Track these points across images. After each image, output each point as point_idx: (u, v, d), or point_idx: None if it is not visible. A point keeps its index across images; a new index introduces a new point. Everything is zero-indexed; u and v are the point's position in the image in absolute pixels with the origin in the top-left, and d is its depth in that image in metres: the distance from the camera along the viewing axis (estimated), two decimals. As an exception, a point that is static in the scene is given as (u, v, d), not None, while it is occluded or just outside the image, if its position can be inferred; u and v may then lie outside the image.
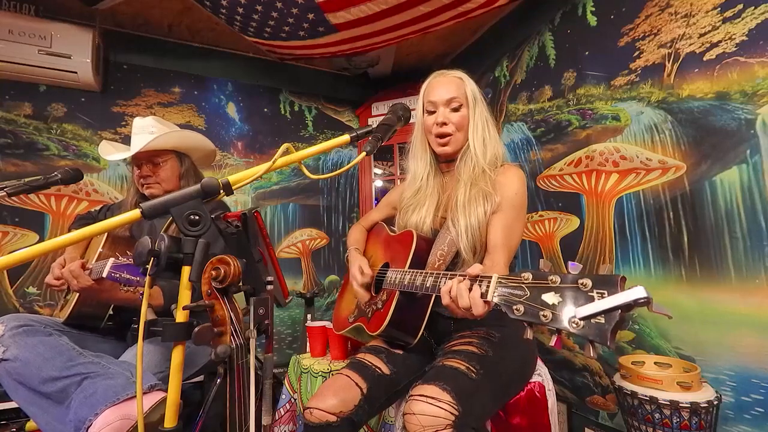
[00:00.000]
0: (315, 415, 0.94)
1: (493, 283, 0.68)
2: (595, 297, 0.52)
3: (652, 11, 1.57)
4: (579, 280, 0.54)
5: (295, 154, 0.73)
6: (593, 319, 0.51)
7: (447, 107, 1.15)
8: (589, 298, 0.52)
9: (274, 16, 2.01)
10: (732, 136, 1.31)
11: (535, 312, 0.58)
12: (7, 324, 1.03)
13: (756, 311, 1.23)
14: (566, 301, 0.55)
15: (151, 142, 1.31)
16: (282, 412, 1.63)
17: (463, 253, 1.05)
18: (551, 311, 0.56)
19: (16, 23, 2.01)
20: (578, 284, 0.54)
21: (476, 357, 0.96)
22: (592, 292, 0.53)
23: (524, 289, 0.61)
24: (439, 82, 1.18)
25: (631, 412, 1.26)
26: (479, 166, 1.12)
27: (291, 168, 2.77)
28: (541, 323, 0.57)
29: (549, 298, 0.57)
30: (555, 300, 0.56)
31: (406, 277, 0.97)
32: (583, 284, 0.54)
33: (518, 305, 0.61)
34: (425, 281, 0.90)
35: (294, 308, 2.69)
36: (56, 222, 2.14)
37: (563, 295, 0.56)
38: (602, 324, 0.50)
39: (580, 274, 0.55)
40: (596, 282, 0.53)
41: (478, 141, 1.13)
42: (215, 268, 0.65)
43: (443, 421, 0.81)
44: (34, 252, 0.54)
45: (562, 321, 0.54)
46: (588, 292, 0.53)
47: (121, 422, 0.88)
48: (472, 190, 1.09)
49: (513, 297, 0.62)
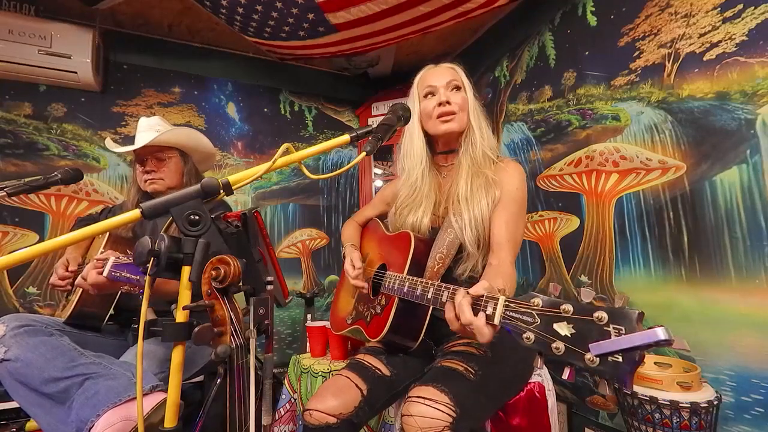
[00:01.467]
0: (315, 417, 0.94)
1: (500, 306, 0.65)
2: (611, 333, 0.49)
3: (652, 11, 1.57)
4: (594, 313, 0.51)
5: (295, 154, 0.73)
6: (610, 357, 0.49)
7: (447, 89, 1.14)
8: (605, 333, 0.50)
9: (274, 16, 2.01)
10: (732, 136, 1.31)
11: (547, 343, 0.55)
12: (9, 324, 1.03)
13: (756, 311, 1.23)
14: (580, 334, 0.52)
15: (161, 135, 1.32)
16: (282, 412, 1.63)
17: (468, 247, 1.04)
18: (564, 344, 0.53)
19: (16, 23, 2.01)
20: (593, 317, 0.51)
21: (475, 358, 0.95)
22: (608, 326, 0.50)
23: (534, 317, 0.58)
24: (434, 70, 1.18)
25: (631, 412, 1.26)
26: (482, 150, 1.11)
27: (291, 168, 2.77)
28: (553, 355, 0.54)
29: (561, 328, 0.54)
30: (567, 331, 0.54)
31: (405, 284, 0.96)
32: (599, 318, 0.51)
33: (528, 333, 0.58)
34: (426, 293, 0.88)
35: (294, 308, 2.69)
36: (56, 222, 2.14)
37: (576, 327, 0.53)
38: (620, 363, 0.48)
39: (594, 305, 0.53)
40: (612, 316, 0.50)
41: (476, 126, 1.13)
42: (215, 268, 0.65)
43: (441, 423, 0.80)
44: (34, 252, 0.54)
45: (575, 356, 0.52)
46: (604, 326, 0.50)
47: (123, 423, 0.88)
48: (474, 181, 1.08)
49: (522, 324, 0.59)
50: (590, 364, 0.50)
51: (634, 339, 0.46)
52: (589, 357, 0.50)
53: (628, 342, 0.47)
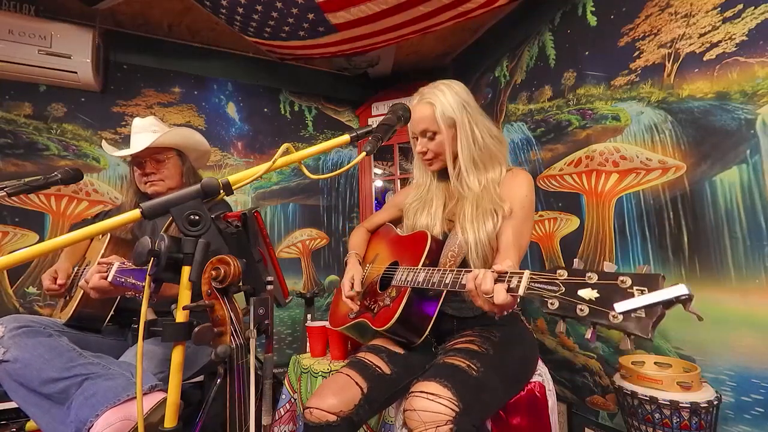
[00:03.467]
0: (315, 415, 0.94)
1: (525, 278, 0.68)
2: (635, 293, 0.53)
3: (652, 11, 1.57)
4: (619, 277, 0.55)
5: (295, 154, 0.73)
6: (633, 313, 0.52)
7: (424, 137, 1.16)
8: (629, 294, 0.53)
9: (274, 16, 2.01)
10: (732, 136, 1.31)
11: (571, 306, 0.58)
12: (7, 325, 1.03)
13: (756, 311, 1.23)
14: (604, 297, 0.56)
15: (160, 137, 1.32)
16: (282, 412, 1.63)
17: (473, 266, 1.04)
18: (588, 305, 0.57)
19: (16, 23, 2.01)
20: (617, 281, 0.55)
21: (477, 355, 0.96)
22: (631, 289, 0.53)
23: (559, 285, 0.62)
24: (414, 110, 1.12)
25: (631, 412, 1.26)
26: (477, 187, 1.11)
27: (291, 168, 2.77)
28: (577, 317, 0.57)
29: (586, 293, 0.58)
30: (592, 295, 0.57)
31: (420, 274, 0.97)
32: (623, 281, 0.54)
33: (552, 300, 0.61)
34: (444, 278, 0.89)
35: (294, 308, 2.69)
36: (56, 222, 2.13)
37: (601, 291, 0.56)
38: (643, 317, 0.51)
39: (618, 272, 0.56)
40: (636, 279, 0.54)
41: (466, 160, 1.12)
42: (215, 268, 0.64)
43: (444, 417, 0.81)
44: (34, 252, 0.54)
45: (600, 315, 0.55)
46: (627, 289, 0.54)
47: (122, 423, 0.88)
48: (478, 209, 1.08)
49: (547, 291, 0.63)
50: (614, 320, 0.53)
51: (659, 295, 0.50)
52: (613, 314, 0.53)
53: (652, 298, 0.50)
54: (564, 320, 0.60)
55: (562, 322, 0.61)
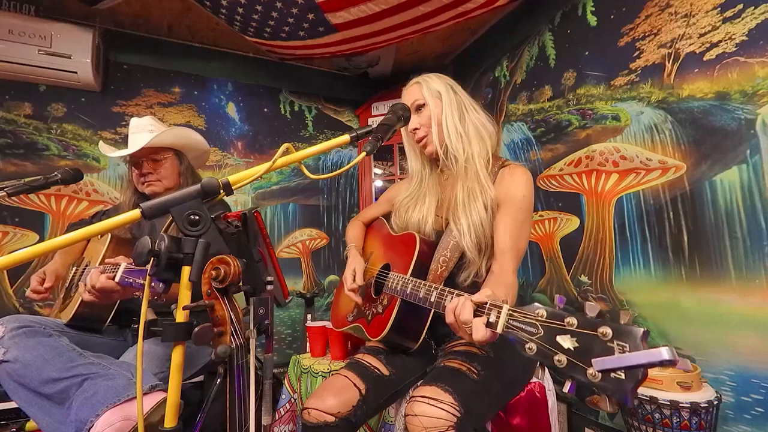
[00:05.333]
0: (313, 415, 0.94)
1: (503, 315, 0.64)
2: (615, 349, 0.49)
3: (652, 11, 1.57)
4: (598, 328, 0.51)
5: (295, 154, 0.73)
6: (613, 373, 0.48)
7: (414, 112, 1.15)
8: (609, 349, 0.50)
9: (274, 16, 2.01)
10: (732, 136, 1.31)
11: (549, 354, 0.55)
12: (7, 325, 1.03)
13: (756, 311, 1.23)
14: (583, 348, 0.52)
15: (156, 138, 1.32)
16: (282, 412, 1.63)
17: (468, 253, 1.03)
18: (567, 357, 0.53)
19: (16, 23, 2.01)
20: (597, 333, 0.51)
21: (477, 358, 0.95)
22: (612, 342, 0.50)
23: (537, 327, 0.58)
24: (403, 93, 1.20)
25: (631, 412, 1.26)
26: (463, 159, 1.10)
27: (291, 168, 2.77)
28: (555, 368, 0.54)
29: (564, 341, 0.54)
30: (570, 344, 0.54)
31: (408, 286, 0.96)
32: (603, 333, 0.51)
33: (531, 344, 0.58)
34: (429, 295, 0.88)
35: (294, 308, 2.69)
36: (56, 222, 2.13)
37: (580, 341, 0.53)
38: (623, 380, 0.47)
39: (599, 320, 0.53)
40: (617, 333, 0.50)
41: (453, 134, 1.11)
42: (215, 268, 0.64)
43: (445, 423, 0.80)
44: (34, 252, 0.54)
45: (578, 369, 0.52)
46: (608, 342, 0.50)
47: (122, 423, 0.87)
48: (470, 187, 1.08)
49: (525, 334, 0.59)
50: (592, 379, 0.50)
51: (639, 357, 0.46)
52: (591, 372, 0.50)
53: (631, 360, 0.46)
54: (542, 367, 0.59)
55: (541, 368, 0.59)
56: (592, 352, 0.51)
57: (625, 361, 0.47)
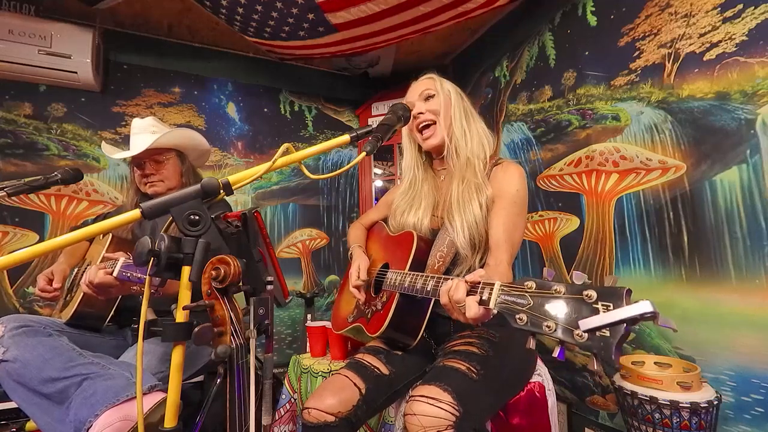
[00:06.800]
0: (313, 415, 0.94)
1: (495, 290, 0.66)
2: (600, 309, 0.51)
3: (652, 11, 1.57)
4: (584, 291, 0.53)
5: (295, 154, 0.73)
6: (598, 332, 0.50)
7: (421, 100, 1.18)
8: (594, 311, 0.51)
9: (274, 16, 2.01)
10: (732, 136, 1.31)
11: (539, 322, 0.57)
12: (7, 325, 1.03)
13: (756, 311, 1.23)
14: (570, 313, 0.54)
15: (159, 139, 1.32)
16: (282, 412, 1.63)
17: (462, 250, 1.05)
18: (555, 322, 0.55)
19: (16, 23, 2.01)
20: (583, 295, 0.53)
21: (477, 357, 0.95)
22: (597, 304, 0.52)
23: (527, 298, 0.60)
24: (413, 85, 1.23)
25: (631, 412, 1.25)
26: (465, 156, 1.13)
27: (291, 168, 2.77)
28: (544, 334, 0.56)
29: (552, 308, 0.56)
30: (558, 311, 0.55)
31: (406, 279, 0.97)
32: (588, 296, 0.53)
33: (521, 314, 0.59)
34: (426, 285, 0.90)
35: (294, 308, 2.69)
36: (56, 222, 2.13)
37: (567, 306, 0.55)
38: (607, 338, 0.49)
39: (584, 284, 0.54)
40: (601, 294, 0.52)
41: (458, 131, 1.15)
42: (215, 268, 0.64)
43: (444, 422, 0.80)
44: (34, 252, 0.54)
45: (565, 332, 0.54)
46: (593, 304, 0.52)
47: (121, 423, 0.88)
48: (463, 184, 1.10)
49: (516, 306, 0.61)
50: (579, 340, 0.52)
51: (621, 313, 0.48)
52: (578, 333, 0.52)
53: (615, 316, 0.48)
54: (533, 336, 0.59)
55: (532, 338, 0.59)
56: (579, 315, 0.53)
57: (608, 318, 0.49)
